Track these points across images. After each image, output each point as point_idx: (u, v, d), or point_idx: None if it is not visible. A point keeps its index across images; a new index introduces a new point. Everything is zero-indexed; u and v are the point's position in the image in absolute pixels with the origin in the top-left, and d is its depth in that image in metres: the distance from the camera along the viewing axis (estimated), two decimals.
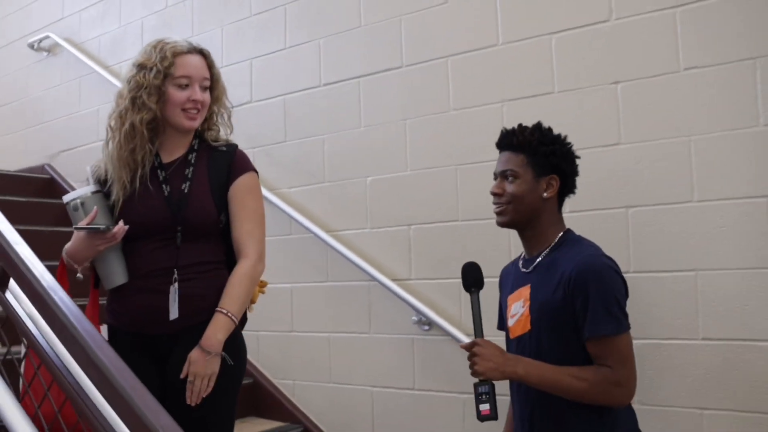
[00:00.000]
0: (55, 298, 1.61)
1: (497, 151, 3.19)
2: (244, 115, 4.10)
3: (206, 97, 2.35)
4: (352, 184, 3.74)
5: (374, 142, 3.67)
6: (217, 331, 2.19)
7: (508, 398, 2.27)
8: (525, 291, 2.16)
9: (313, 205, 3.88)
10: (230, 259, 2.38)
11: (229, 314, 2.21)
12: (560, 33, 3.11)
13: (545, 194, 2.16)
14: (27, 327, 1.75)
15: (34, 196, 4.91)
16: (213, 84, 2.38)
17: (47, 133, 5.58)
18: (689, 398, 2.68)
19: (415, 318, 3.40)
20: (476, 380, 2.04)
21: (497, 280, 2.41)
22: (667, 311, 2.73)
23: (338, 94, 3.83)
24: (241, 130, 2.52)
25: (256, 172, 2.44)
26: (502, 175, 2.21)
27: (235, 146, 2.43)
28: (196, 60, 2.33)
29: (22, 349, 2.06)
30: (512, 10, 3.26)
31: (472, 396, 3.19)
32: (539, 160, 2.16)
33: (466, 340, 3.19)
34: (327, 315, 3.79)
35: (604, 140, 2.91)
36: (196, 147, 2.40)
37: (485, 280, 2.18)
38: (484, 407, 2.00)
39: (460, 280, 3.25)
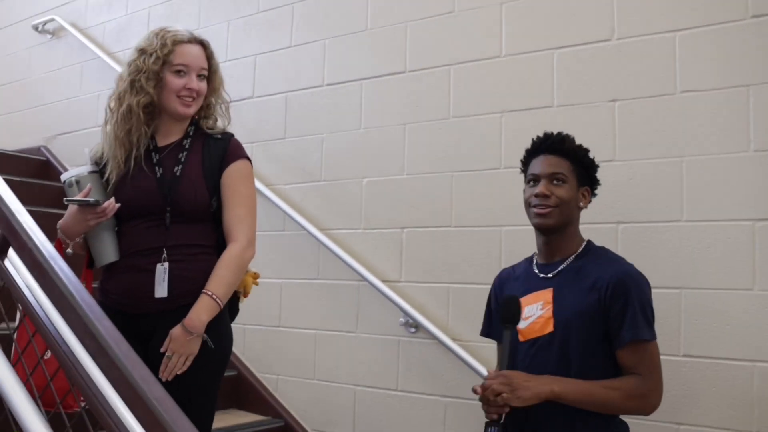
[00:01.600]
0: (55, 267, 1.64)
1: (494, 160, 3.27)
2: (245, 109, 4.14)
3: (202, 86, 2.41)
4: (348, 185, 3.77)
5: (373, 144, 3.71)
6: (201, 313, 2.22)
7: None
8: (544, 294, 2.16)
9: (308, 202, 3.91)
10: (221, 246, 2.41)
11: (214, 296, 2.24)
12: (563, 48, 3.16)
13: (581, 203, 2.22)
14: (24, 295, 1.78)
15: (28, 177, 4.91)
16: (211, 75, 2.45)
17: (46, 116, 5.58)
18: (667, 413, 2.70)
19: (402, 320, 3.42)
20: (487, 420, 2.01)
21: (486, 286, 2.43)
22: None
23: (340, 95, 3.87)
24: (241, 124, 2.56)
25: (250, 160, 2.48)
26: (548, 178, 2.18)
27: (231, 135, 2.48)
28: (194, 50, 2.39)
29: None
30: (517, 23, 3.31)
31: (454, 400, 3.25)
32: (581, 170, 2.21)
33: (452, 344, 3.23)
34: (315, 312, 3.82)
35: (599, 156, 2.91)
36: (191, 133, 2.45)
37: (476, 286, 2.20)
38: None
39: (449, 285, 3.35)
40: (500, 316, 2.14)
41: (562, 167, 2.19)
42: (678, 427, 2.73)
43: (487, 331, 2.39)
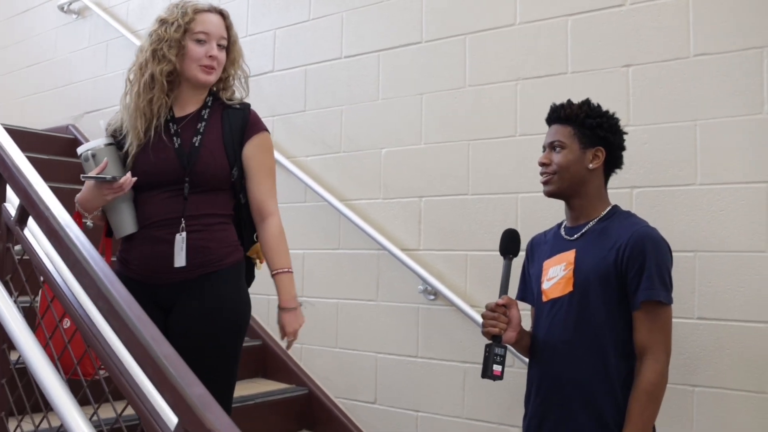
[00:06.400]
0: (71, 234, 1.70)
1: (509, 128, 3.29)
2: (265, 83, 4.18)
3: (222, 55, 2.43)
4: (367, 155, 3.81)
5: (391, 115, 3.74)
6: (290, 288, 2.42)
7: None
8: (568, 255, 2.21)
9: (328, 174, 3.95)
10: (237, 214, 2.46)
11: (289, 270, 2.43)
12: (576, 15, 3.16)
13: (591, 165, 2.22)
14: (43, 261, 1.84)
15: (57, 155, 5.00)
16: (230, 46, 2.47)
17: (73, 95, 5.67)
18: (681, 375, 2.73)
19: (421, 287, 3.47)
20: (489, 341, 2.15)
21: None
22: None
23: (358, 67, 3.89)
24: (261, 98, 2.60)
25: (268, 131, 2.52)
26: (550, 146, 2.27)
27: (248, 105, 2.51)
28: (214, 18, 2.42)
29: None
30: None
31: (473, 365, 3.28)
32: (586, 131, 2.23)
33: (470, 310, 3.27)
34: (337, 282, 3.88)
35: None
36: (209, 104, 2.47)
37: (493, 253, 2.25)
38: (498, 368, 2.10)
39: (466, 252, 3.38)
40: (500, 246, 2.28)
41: (561, 134, 2.24)
42: (693, 389, 2.74)
43: (522, 295, 2.43)
